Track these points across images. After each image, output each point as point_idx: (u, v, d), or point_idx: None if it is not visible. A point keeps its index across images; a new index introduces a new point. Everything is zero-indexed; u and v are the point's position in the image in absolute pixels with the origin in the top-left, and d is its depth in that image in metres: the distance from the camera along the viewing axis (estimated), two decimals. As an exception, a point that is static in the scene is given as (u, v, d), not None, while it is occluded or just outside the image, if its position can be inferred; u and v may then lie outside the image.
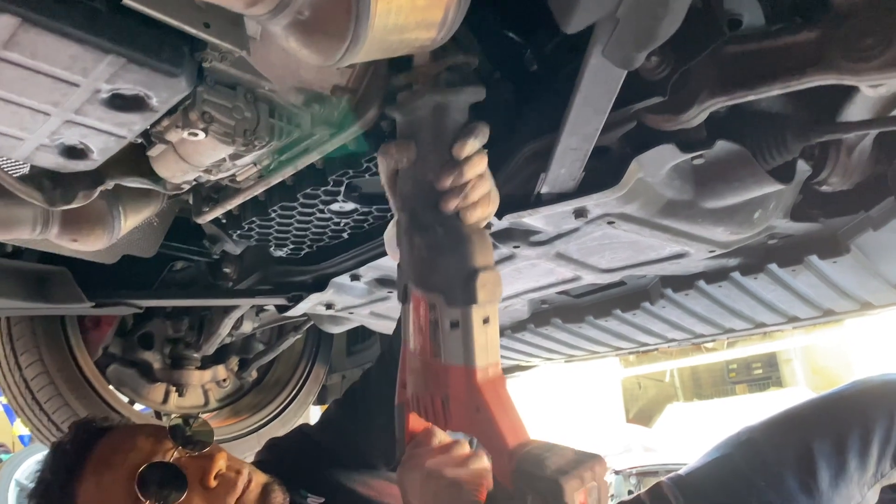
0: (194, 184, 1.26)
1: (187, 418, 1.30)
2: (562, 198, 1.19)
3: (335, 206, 1.49)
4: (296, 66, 1.03)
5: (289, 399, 3.10)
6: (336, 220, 1.57)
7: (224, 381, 2.90)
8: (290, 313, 1.97)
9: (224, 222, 1.65)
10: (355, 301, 1.90)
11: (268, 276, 1.92)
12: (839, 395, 1.76)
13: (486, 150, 0.97)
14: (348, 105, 1.11)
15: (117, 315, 2.49)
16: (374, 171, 1.31)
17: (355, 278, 1.75)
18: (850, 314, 1.99)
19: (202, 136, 1.00)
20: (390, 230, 1.20)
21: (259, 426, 2.97)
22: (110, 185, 1.17)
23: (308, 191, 1.42)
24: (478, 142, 0.94)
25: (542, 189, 1.17)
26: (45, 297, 1.84)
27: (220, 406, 2.99)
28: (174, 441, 1.24)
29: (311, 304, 1.89)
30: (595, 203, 1.19)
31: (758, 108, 1.15)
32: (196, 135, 1.00)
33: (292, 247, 1.75)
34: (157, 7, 0.77)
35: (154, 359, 2.66)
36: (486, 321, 0.92)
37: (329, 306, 1.93)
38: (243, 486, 1.23)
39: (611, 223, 1.29)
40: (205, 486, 1.21)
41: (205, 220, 1.44)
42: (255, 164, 1.20)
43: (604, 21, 0.79)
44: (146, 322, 2.63)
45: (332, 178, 1.36)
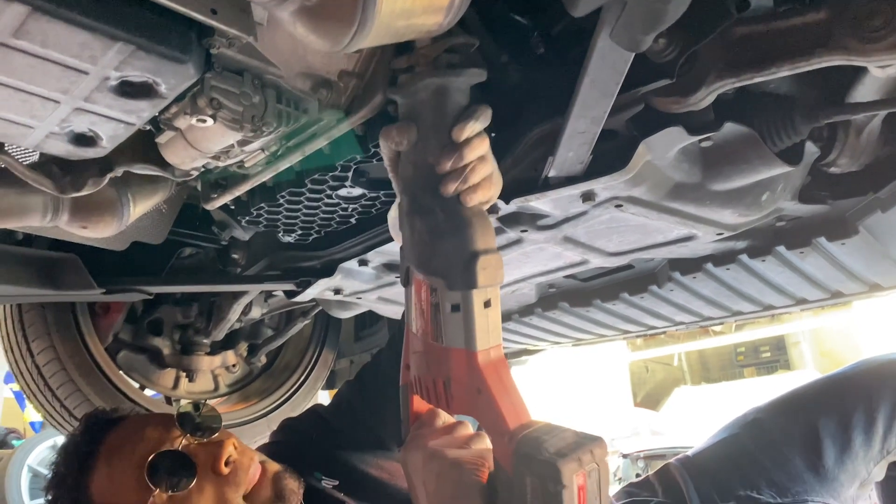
0: (203, 170, 1.26)
1: (195, 405, 1.32)
2: (569, 181, 1.19)
3: (343, 192, 1.49)
4: (303, 52, 1.03)
5: (298, 384, 3.12)
6: (344, 205, 1.57)
7: (233, 366, 2.92)
8: (298, 299, 1.97)
9: (232, 208, 1.66)
10: (363, 286, 1.91)
11: (276, 262, 1.92)
12: (844, 375, 1.77)
13: (487, 133, 0.96)
14: (355, 90, 1.11)
15: (127, 301, 2.51)
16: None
17: (363, 263, 1.75)
18: (859, 296, 1.98)
19: (210, 122, 1.00)
20: (393, 213, 1.20)
21: (268, 411, 2.99)
22: (119, 172, 1.17)
23: (316, 176, 1.42)
24: (478, 124, 0.93)
25: (550, 173, 1.17)
26: (56, 284, 1.86)
27: (230, 391, 3.02)
28: (182, 429, 1.26)
29: (319, 289, 1.89)
30: (603, 186, 1.19)
31: (766, 90, 1.14)
32: (204, 121, 1.00)
33: (300, 232, 1.76)
34: (165, -6, 0.78)
35: (164, 345, 2.68)
36: (487, 304, 0.92)
37: (337, 291, 1.94)
38: (256, 474, 1.25)
39: (618, 206, 1.28)
40: (216, 472, 1.22)
41: (213, 206, 1.44)
42: (263, 150, 1.20)
43: (611, 4, 0.79)
44: (156, 308, 2.65)
45: (340, 163, 1.36)
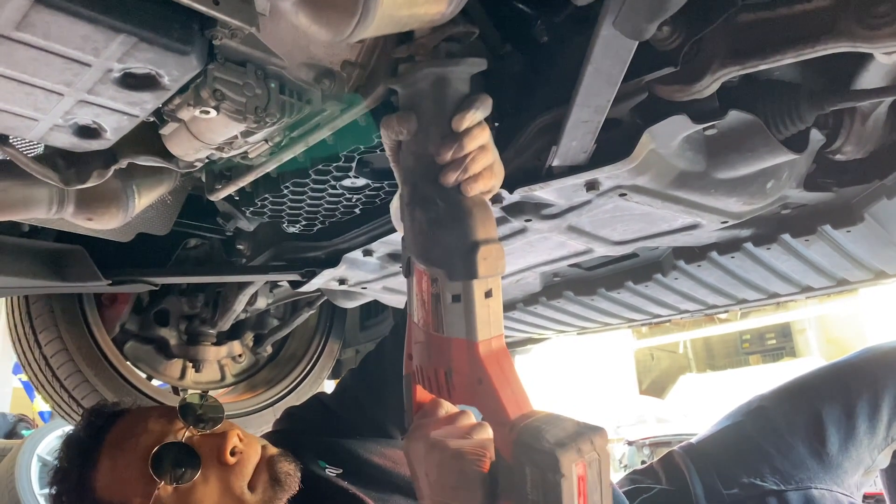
0: (207, 161, 1.26)
1: (199, 396, 1.33)
2: (573, 170, 1.18)
3: (347, 182, 1.49)
4: (305, 42, 1.03)
5: (304, 374, 3.14)
6: (348, 195, 1.57)
7: (239, 356, 2.93)
8: (303, 289, 1.98)
9: (237, 199, 1.66)
10: (368, 276, 1.91)
11: (281, 253, 1.92)
12: (849, 362, 1.77)
13: (489, 123, 0.95)
14: (358, 80, 1.11)
15: (133, 292, 2.52)
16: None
17: (367, 253, 1.75)
18: (865, 283, 1.98)
19: (214, 113, 1.00)
20: (396, 203, 1.20)
21: (274, 401, 3.00)
22: (124, 163, 1.18)
23: (320, 167, 1.42)
24: (479, 114, 0.92)
25: (554, 162, 1.16)
26: (62, 276, 1.87)
27: (236, 381, 3.03)
28: (184, 421, 1.26)
29: (324, 279, 1.90)
30: (607, 175, 1.18)
31: (771, 77, 1.13)
32: (208, 112, 1.00)
33: (305, 223, 1.76)
34: (167, -15, 0.78)
35: (170, 335, 2.70)
36: (488, 294, 0.91)
37: (342, 282, 1.94)
38: (258, 460, 1.25)
39: (623, 195, 1.28)
40: (222, 462, 1.22)
41: (218, 197, 1.45)
42: (266, 141, 1.20)
43: (615, -8, 0.78)
44: (162, 299, 2.66)
45: (344, 153, 1.36)
